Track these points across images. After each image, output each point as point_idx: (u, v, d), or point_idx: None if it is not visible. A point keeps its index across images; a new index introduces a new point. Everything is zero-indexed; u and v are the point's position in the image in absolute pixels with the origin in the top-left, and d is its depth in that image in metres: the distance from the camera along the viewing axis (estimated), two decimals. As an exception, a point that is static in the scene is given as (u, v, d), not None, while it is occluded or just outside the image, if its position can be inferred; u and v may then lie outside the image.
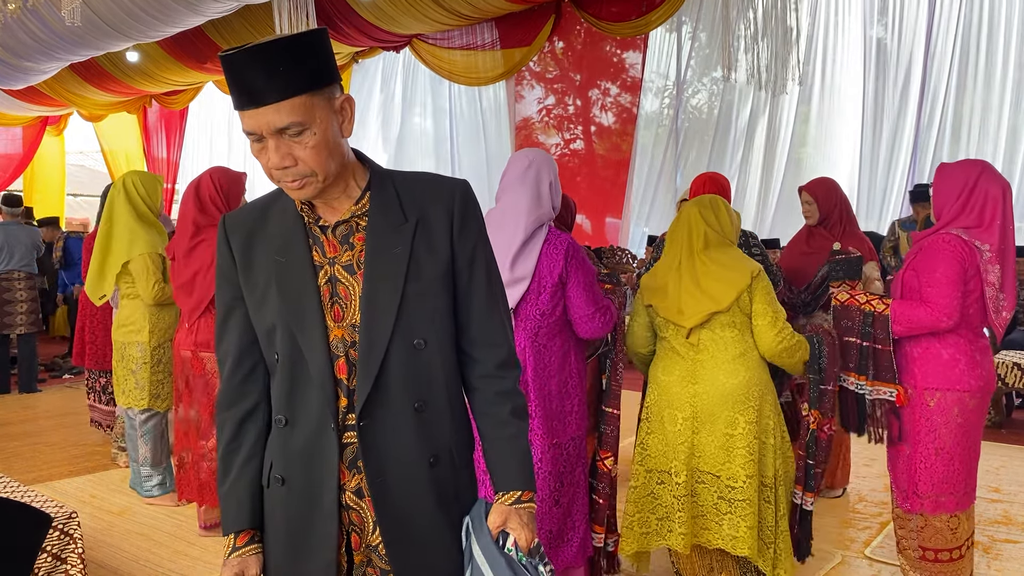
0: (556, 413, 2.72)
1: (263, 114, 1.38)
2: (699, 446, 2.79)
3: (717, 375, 2.78)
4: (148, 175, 4.47)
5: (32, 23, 6.60)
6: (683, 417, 2.80)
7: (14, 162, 13.25)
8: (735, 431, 2.76)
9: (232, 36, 8.01)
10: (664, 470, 2.86)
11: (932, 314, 2.92)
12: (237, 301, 1.56)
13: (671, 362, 2.86)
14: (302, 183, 1.44)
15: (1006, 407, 6.19)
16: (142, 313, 4.27)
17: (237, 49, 1.36)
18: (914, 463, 3.03)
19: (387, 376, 1.48)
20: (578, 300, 2.68)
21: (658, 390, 2.89)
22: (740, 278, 2.77)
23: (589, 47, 8.52)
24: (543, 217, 2.72)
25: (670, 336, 2.87)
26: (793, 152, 7.70)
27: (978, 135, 6.77)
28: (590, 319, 2.70)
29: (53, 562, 2.82)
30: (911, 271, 3.06)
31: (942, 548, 3.04)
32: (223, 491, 1.57)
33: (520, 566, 1.48)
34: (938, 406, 2.98)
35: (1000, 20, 6.62)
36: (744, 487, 2.74)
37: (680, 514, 2.79)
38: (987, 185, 2.97)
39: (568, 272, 2.67)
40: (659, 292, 2.88)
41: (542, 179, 2.74)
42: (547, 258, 2.67)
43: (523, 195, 2.70)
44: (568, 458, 2.76)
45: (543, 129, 9.00)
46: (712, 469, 2.78)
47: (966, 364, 2.97)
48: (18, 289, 7.25)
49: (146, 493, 4.37)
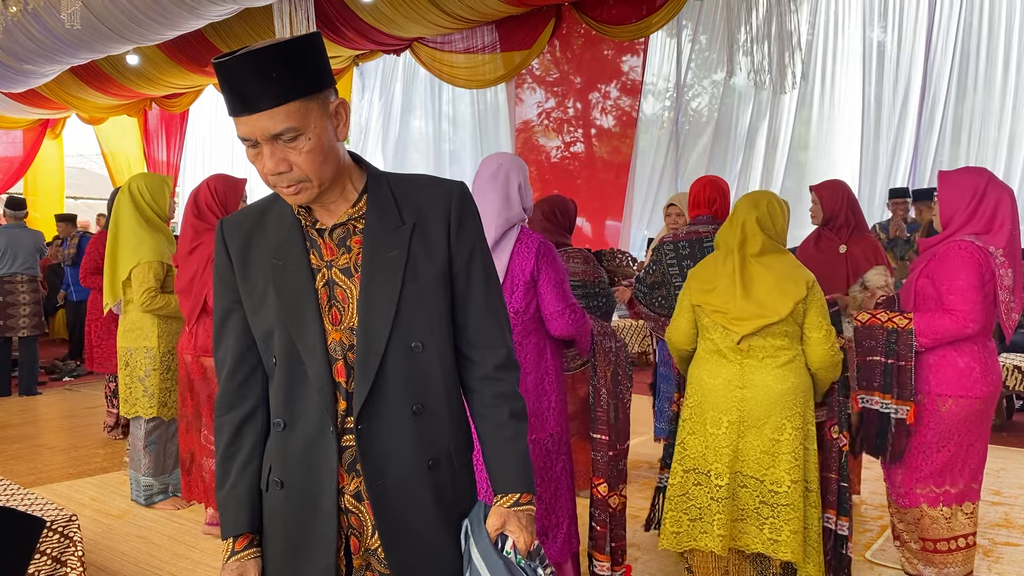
0: (533, 410, 2.75)
1: (257, 120, 1.37)
2: (743, 450, 2.79)
3: (767, 380, 2.76)
4: (154, 177, 4.39)
5: (32, 26, 6.61)
6: (728, 420, 2.79)
7: (14, 165, 13.26)
8: (782, 436, 2.76)
9: (232, 39, 8.02)
10: (703, 471, 2.84)
11: (957, 322, 2.95)
12: (235, 304, 1.56)
13: (717, 365, 2.83)
14: (297, 189, 1.44)
15: (1007, 410, 6.19)
16: (150, 318, 4.19)
17: (230, 55, 1.36)
18: (913, 459, 3.09)
19: (385, 379, 1.48)
20: (549, 297, 2.72)
21: (701, 392, 2.86)
22: (796, 289, 2.75)
23: (589, 50, 8.53)
24: (513, 218, 2.75)
25: (717, 338, 2.83)
26: (793, 155, 7.71)
27: (978, 138, 6.77)
28: (560, 315, 2.73)
29: (53, 565, 2.81)
30: (925, 278, 3.08)
31: (939, 539, 3.12)
32: (222, 495, 1.57)
33: (519, 569, 1.48)
34: (949, 411, 3.04)
35: (1000, 23, 6.63)
36: (789, 492, 2.74)
37: (719, 516, 2.78)
38: (996, 191, 3.04)
39: (539, 270, 2.71)
40: (710, 294, 2.83)
41: (511, 181, 2.77)
42: (519, 256, 2.71)
43: (493, 198, 2.74)
44: (547, 454, 2.79)
45: (543, 132, 9.01)
46: (755, 473, 2.79)
47: (980, 371, 3.02)
48: (21, 292, 7.25)
49: (147, 502, 4.31)
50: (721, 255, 2.87)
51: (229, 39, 8.04)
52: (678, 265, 3.59)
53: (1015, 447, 5.49)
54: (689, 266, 3.56)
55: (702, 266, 2.91)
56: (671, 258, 3.61)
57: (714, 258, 2.90)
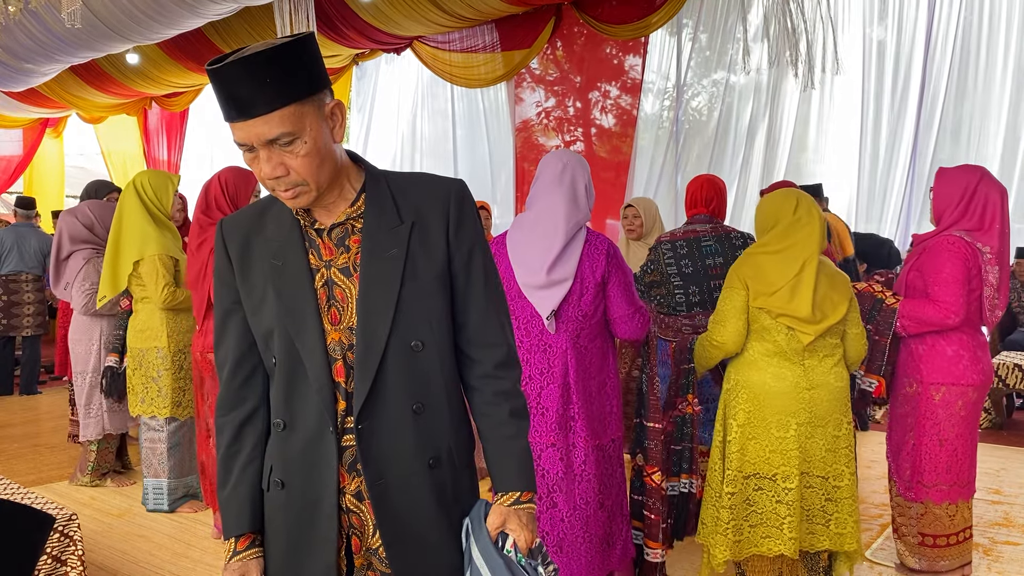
0: (597, 415, 2.71)
1: (252, 126, 1.37)
2: (810, 450, 2.81)
3: (828, 379, 2.83)
4: (159, 174, 4.33)
5: (32, 25, 6.61)
6: (797, 423, 2.79)
7: (14, 164, 13.26)
8: (840, 432, 2.84)
9: (232, 38, 8.01)
10: (766, 476, 2.83)
11: (940, 312, 3.08)
12: (235, 305, 1.56)
13: (781, 368, 2.82)
14: (295, 193, 1.44)
15: (1007, 408, 6.19)
16: (159, 318, 4.14)
17: (223, 61, 1.35)
18: (919, 454, 3.19)
19: (385, 378, 1.48)
20: (619, 300, 2.68)
21: (763, 396, 2.82)
22: (846, 288, 2.86)
23: (589, 49, 8.53)
24: (581, 221, 2.69)
25: (781, 340, 2.81)
26: (793, 154, 7.70)
27: (978, 136, 6.77)
28: (630, 319, 2.69)
29: (53, 564, 2.82)
30: (915, 271, 3.20)
31: (940, 534, 3.22)
32: (224, 495, 1.57)
33: (519, 567, 1.48)
34: (943, 400, 3.17)
35: (1000, 21, 6.62)
36: (848, 484, 2.83)
37: (789, 519, 2.79)
38: (987, 190, 3.14)
39: (610, 272, 2.66)
40: (773, 297, 2.78)
41: (577, 182, 2.70)
42: (589, 259, 2.66)
43: (560, 200, 2.66)
44: (610, 460, 2.76)
45: (543, 131, 9.00)
46: (821, 472, 2.82)
47: (969, 360, 3.14)
48: (26, 291, 7.25)
49: (170, 507, 4.21)
50: (777, 258, 2.81)
51: (229, 38, 8.03)
52: (676, 264, 3.59)
53: (1015, 446, 5.49)
54: (687, 265, 3.56)
55: (758, 268, 2.83)
56: (669, 257, 3.61)
57: (772, 260, 2.83)
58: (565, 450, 2.67)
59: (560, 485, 2.67)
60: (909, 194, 6.97)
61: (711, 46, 8.12)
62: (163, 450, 4.18)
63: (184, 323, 4.22)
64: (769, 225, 2.90)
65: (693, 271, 3.53)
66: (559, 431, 2.66)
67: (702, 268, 3.50)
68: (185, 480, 4.27)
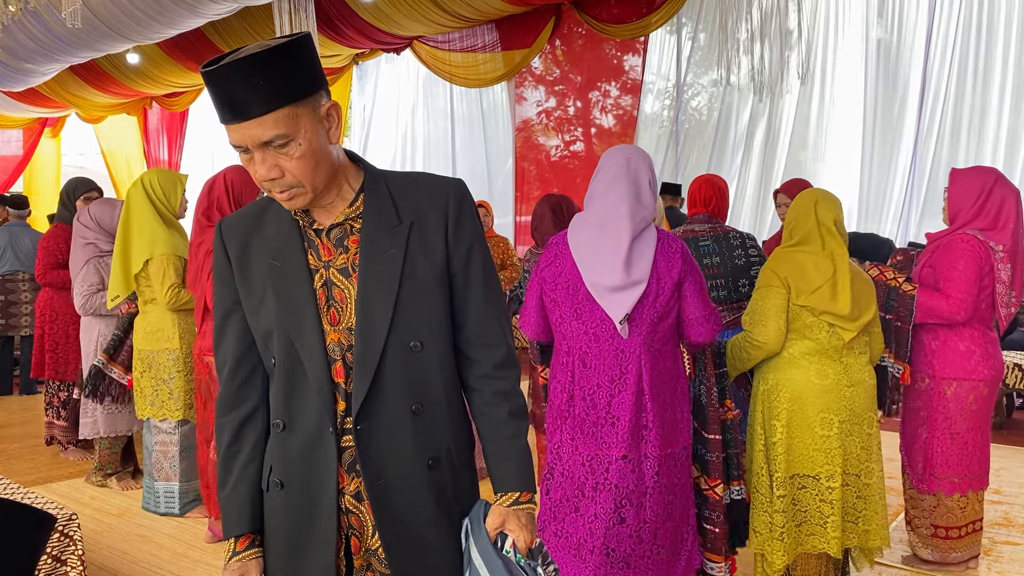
0: (670, 422, 2.55)
1: (247, 128, 1.37)
2: (848, 448, 2.83)
3: (864, 376, 2.88)
4: (167, 173, 4.26)
5: (32, 25, 6.61)
6: (840, 420, 2.81)
7: (13, 164, 13.26)
8: (872, 429, 2.89)
9: (232, 38, 8.01)
10: (810, 475, 2.83)
11: (951, 306, 3.18)
12: (235, 306, 1.56)
13: (823, 365, 2.83)
14: (291, 195, 1.44)
15: (1007, 407, 6.19)
16: (171, 320, 4.07)
17: (217, 64, 1.35)
18: (931, 447, 3.29)
19: (383, 379, 1.48)
20: (695, 301, 2.53)
21: (805, 393, 2.82)
22: (872, 285, 2.94)
23: (589, 49, 8.53)
24: (647, 217, 2.54)
25: (822, 338, 2.83)
26: (793, 154, 7.70)
27: (977, 137, 6.77)
28: (705, 321, 2.55)
29: (53, 564, 2.82)
30: (928, 268, 3.33)
31: (952, 526, 3.32)
32: (223, 495, 1.57)
33: (518, 568, 1.48)
34: (954, 395, 3.25)
35: (999, 21, 6.62)
36: (877, 482, 2.87)
37: (833, 518, 2.80)
38: (1002, 190, 3.27)
39: (685, 273, 2.52)
40: (814, 295, 2.79)
41: (641, 176, 2.54)
42: (664, 258, 2.49)
43: (623, 195, 2.49)
44: (680, 469, 2.61)
45: (543, 131, 9.01)
46: (855, 470, 2.85)
47: (981, 355, 3.25)
48: (23, 291, 7.24)
49: (181, 511, 4.15)
50: (816, 257, 2.83)
51: (229, 38, 8.03)
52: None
53: (1015, 445, 5.49)
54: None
55: (799, 267, 2.83)
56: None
57: (811, 259, 2.83)
58: (637, 462, 2.50)
59: (631, 499, 2.50)
60: (909, 194, 6.97)
61: (711, 46, 8.11)
62: (175, 453, 4.12)
63: (194, 324, 4.13)
64: (800, 223, 2.91)
65: None
66: (631, 442, 2.48)
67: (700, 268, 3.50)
68: (195, 484, 4.21)
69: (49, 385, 5.30)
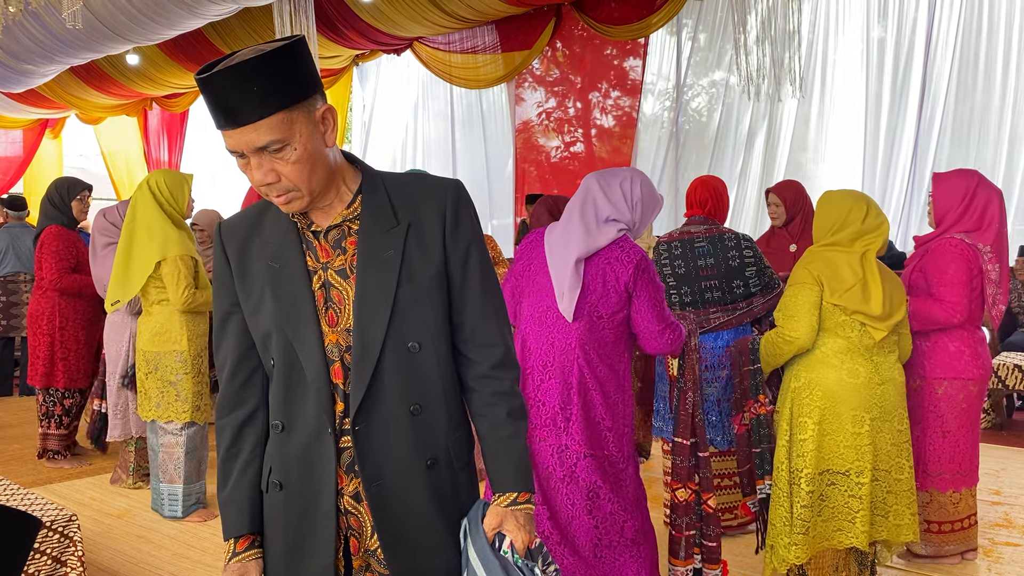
0: (595, 422, 2.56)
1: (242, 134, 1.37)
2: (879, 445, 2.88)
3: (894, 374, 2.94)
4: (173, 174, 4.20)
5: (33, 26, 6.61)
6: (871, 417, 2.85)
7: (14, 165, 13.27)
8: (902, 426, 2.95)
9: (232, 39, 8.02)
10: (839, 471, 2.88)
11: (945, 311, 3.25)
12: (234, 307, 1.57)
13: (855, 363, 2.88)
14: (288, 199, 1.44)
15: (1007, 409, 6.18)
16: (179, 321, 4.04)
17: (211, 70, 1.35)
18: (923, 445, 3.37)
19: (381, 380, 1.48)
20: (646, 315, 2.56)
21: (841, 392, 2.86)
22: (902, 286, 2.99)
23: (589, 50, 8.53)
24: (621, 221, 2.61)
25: (854, 336, 2.87)
26: (793, 155, 7.69)
27: (978, 138, 6.76)
28: (659, 335, 2.58)
29: (53, 565, 2.82)
30: (918, 272, 3.39)
31: (945, 520, 3.42)
32: (223, 497, 1.58)
33: (516, 568, 1.48)
34: (945, 394, 3.35)
35: (1000, 22, 6.62)
36: (908, 477, 2.94)
37: (862, 513, 2.86)
38: (986, 192, 3.36)
39: (637, 284, 2.54)
40: (847, 294, 2.83)
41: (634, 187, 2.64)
42: (620, 264, 2.55)
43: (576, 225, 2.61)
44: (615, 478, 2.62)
45: (543, 132, 9.01)
46: (885, 466, 2.91)
47: (970, 355, 3.34)
48: (24, 292, 7.23)
49: (184, 514, 4.12)
50: (848, 257, 2.86)
51: (229, 39, 8.03)
52: (670, 265, 3.60)
53: (1015, 446, 5.49)
54: (680, 266, 3.56)
55: (832, 266, 2.86)
56: (664, 258, 3.63)
57: (843, 258, 2.86)
58: (558, 449, 2.57)
59: (548, 482, 2.56)
60: (910, 195, 6.97)
61: (711, 47, 8.12)
62: (180, 455, 4.09)
63: (201, 325, 4.14)
64: (839, 225, 2.92)
65: (686, 272, 3.56)
66: (552, 428, 2.57)
67: (694, 269, 3.53)
68: (196, 486, 4.18)
69: (49, 393, 5.12)
